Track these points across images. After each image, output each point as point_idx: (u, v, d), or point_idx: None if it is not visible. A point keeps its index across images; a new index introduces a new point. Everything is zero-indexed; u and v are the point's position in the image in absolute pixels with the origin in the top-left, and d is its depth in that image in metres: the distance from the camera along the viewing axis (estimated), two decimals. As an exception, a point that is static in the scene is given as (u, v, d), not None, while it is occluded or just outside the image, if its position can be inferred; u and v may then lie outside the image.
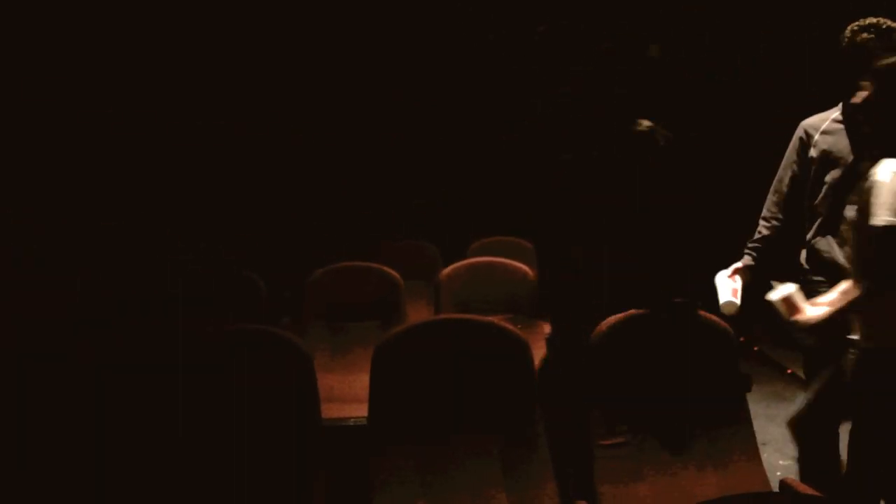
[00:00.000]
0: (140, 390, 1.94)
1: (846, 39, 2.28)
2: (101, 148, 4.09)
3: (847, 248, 2.28)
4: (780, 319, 2.08)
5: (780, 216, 2.51)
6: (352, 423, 2.35)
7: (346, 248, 3.97)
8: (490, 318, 2.07)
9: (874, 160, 1.93)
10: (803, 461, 2.47)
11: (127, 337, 2.34)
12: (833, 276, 2.31)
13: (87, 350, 2.00)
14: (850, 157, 2.30)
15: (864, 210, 1.88)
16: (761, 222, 2.55)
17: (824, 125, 2.39)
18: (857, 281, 1.89)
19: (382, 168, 5.19)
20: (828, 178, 2.34)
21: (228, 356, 1.95)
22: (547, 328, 3.92)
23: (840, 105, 2.40)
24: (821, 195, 2.37)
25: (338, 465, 2.06)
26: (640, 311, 2.13)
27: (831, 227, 2.36)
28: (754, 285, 2.50)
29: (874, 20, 2.25)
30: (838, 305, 1.91)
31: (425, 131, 5.48)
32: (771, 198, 2.54)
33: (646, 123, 2.41)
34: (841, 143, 2.33)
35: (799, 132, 2.46)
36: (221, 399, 1.91)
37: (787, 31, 4.88)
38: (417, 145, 5.27)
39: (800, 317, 1.97)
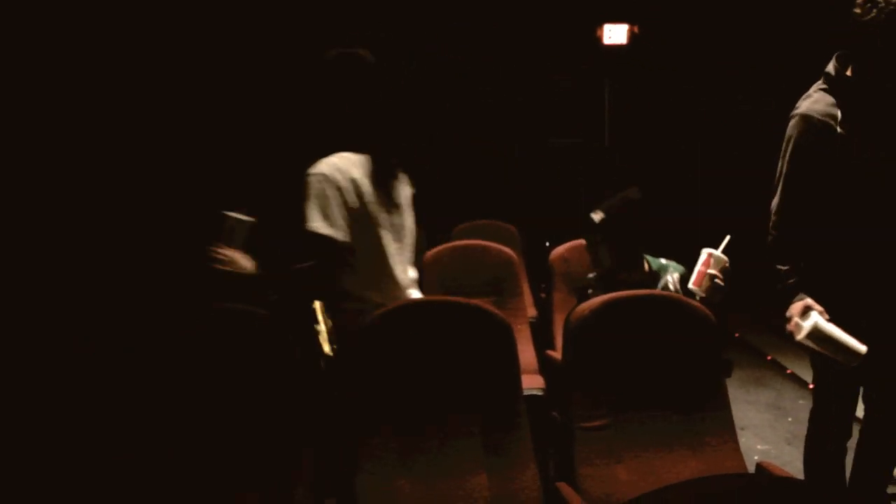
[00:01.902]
0: (145, 369, 1.92)
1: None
2: (101, 146, 4.03)
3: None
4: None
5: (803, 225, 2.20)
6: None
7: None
8: (473, 301, 2.07)
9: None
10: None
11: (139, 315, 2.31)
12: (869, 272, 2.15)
13: (83, 337, 1.98)
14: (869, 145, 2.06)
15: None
16: (785, 240, 2.21)
17: (838, 114, 2.08)
18: None
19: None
20: (857, 171, 2.07)
21: (222, 335, 1.95)
22: (532, 311, 3.94)
23: (822, 90, 2.15)
24: (854, 190, 2.10)
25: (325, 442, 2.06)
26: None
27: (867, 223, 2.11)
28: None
29: None
30: None
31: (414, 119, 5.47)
32: (790, 209, 2.21)
33: None
34: (859, 131, 2.07)
35: (810, 126, 2.11)
36: (216, 375, 1.91)
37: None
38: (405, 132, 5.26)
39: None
